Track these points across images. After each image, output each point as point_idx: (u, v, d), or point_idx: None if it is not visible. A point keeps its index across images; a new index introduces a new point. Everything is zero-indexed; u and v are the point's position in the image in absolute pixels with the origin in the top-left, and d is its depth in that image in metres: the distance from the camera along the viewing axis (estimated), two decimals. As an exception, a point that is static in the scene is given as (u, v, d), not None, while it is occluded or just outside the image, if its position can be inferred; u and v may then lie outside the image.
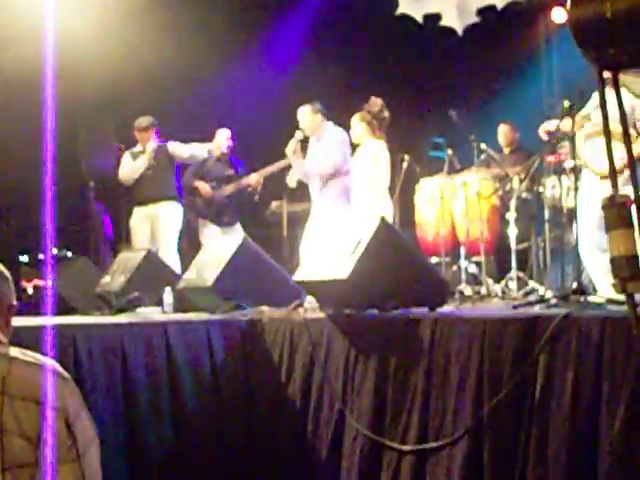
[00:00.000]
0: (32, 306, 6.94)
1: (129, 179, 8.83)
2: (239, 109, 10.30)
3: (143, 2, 9.61)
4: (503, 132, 9.13)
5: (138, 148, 8.85)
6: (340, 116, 8.02)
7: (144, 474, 4.94)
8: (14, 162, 9.85)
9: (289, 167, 8.49)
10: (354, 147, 7.81)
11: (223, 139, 9.13)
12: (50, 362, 2.43)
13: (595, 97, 5.49)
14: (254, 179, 9.11)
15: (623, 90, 1.92)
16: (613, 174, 1.93)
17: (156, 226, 8.65)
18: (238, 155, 9.35)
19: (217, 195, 9.03)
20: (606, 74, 1.91)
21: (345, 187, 7.69)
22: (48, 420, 2.29)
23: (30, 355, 2.42)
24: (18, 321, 2.61)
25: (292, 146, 7.88)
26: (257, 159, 9.52)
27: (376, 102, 7.70)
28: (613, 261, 1.83)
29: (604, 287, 5.37)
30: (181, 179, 9.04)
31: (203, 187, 9.02)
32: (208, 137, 9.17)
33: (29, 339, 3.90)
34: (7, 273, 2.55)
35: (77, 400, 2.43)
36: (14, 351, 2.40)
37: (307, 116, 7.88)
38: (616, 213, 1.82)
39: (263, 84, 10.67)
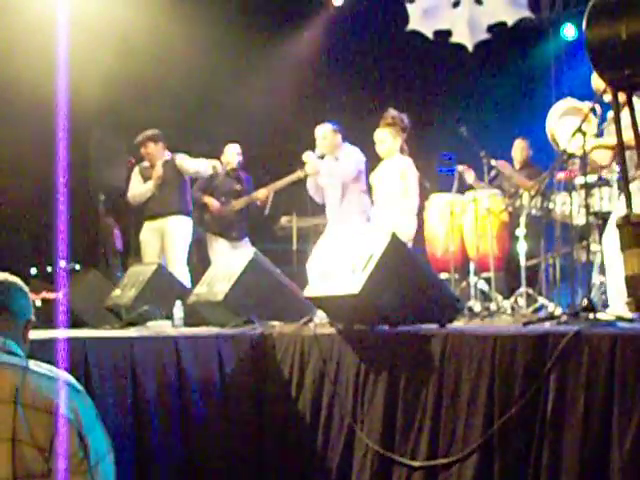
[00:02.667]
0: (41, 319, 6.96)
1: (137, 202, 8.85)
2: (249, 124, 10.34)
3: (155, 16, 9.66)
4: (519, 147, 9.13)
5: (147, 163, 8.85)
6: (349, 131, 8.03)
7: (153, 488, 4.95)
8: (25, 175, 9.89)
9: (298, 182, 8.50)
10: (378, 161, 7.74)
11: (233, 154, 9.16)
12: (64, 374, 2.45)
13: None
14: (263, 194, 9.12)
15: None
16: (627, 192, 1.94)
17: (165, 240, 8.65)
18: (247, 170, 9.37)
19: (226, 210, 9.04)
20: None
21: (363, 205, 7.68)
22: (60, 431, 2.30)
23: (45, 367, 2.44)
24: (29, 334, 2.64)
25: (313, 165, 7.87)
26: (266, 174, 9.54)
27: (399, 115, 7.60)
28: (628, 280, 1.83)
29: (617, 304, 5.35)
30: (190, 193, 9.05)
31: (212, 202, 9.03)
32: (218, 151, 9.20)
33: (40, 352, 3.92)
34: (26, 288, 2.59)
35: (91, 412, 2.44)
36: (30, 363, 2.43)
37: (328, 135, 7.85)
38: (631, 232, 1.82)
39: (273, 99, 10.71)
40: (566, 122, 5.52)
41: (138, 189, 8.81)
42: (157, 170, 8.65)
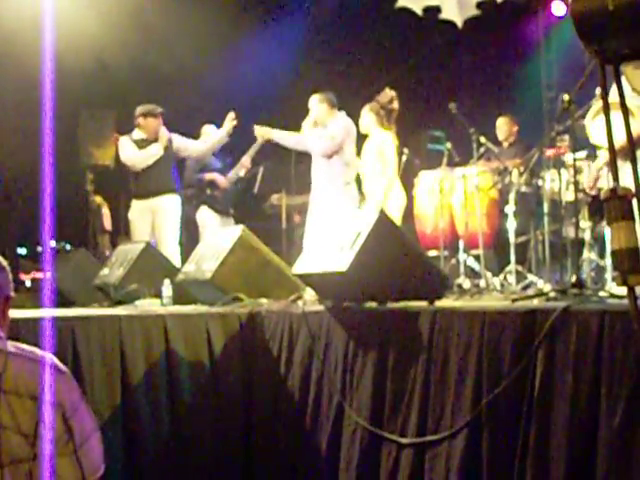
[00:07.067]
0: (31, 298, 6.95)
1: (141, 165, 8.55)
2: (237, 102, 10.31)
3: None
4: (502, 125, 9.07)
5: (138, 135, 8.69)
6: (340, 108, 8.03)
7: (141, 468, 4.94)
8: (12, 155, 9.85)
9: (288, 160, 8.51)
10: (363, 138, 7.77)
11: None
12: (47, 356, 2.42)
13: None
14: (246, 160, 9.23)
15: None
16: (614, 166, 1.92)
17: (157, 219, 8.60)
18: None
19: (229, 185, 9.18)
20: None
21: (347, 176, 7.68)
22: (44, 415, 2.28)
23: (27, 350, 2.40)
24: (17, 314, 2.60)
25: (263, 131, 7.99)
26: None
27: (387, 93, 7.68)
28: (614, 254, 1.82)
29: None
30: (180, 173, 9.05)
31: (218, 178, 9.12)
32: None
33: (28, 332, 3.91)
34: (4, 263, 2.54)
35: (75, 393, 2.42)
36: (11, 346, 2.39)
37: (314, 104, 7.87)
38: (617, 205, 1.81)
39: (262, 77, 10.67)
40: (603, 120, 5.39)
41: (140, 153, 8.56)
42: (163, 135, 8.59)
